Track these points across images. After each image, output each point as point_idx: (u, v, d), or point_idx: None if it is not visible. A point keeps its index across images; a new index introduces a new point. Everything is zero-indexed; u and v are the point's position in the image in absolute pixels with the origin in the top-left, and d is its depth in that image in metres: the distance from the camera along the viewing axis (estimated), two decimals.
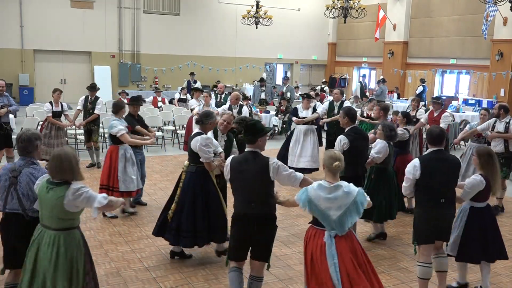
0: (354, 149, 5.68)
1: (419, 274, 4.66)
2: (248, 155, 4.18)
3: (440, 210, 4.52)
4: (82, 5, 19.94)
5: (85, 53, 20.43)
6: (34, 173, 3.87)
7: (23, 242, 3.77)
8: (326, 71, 26.05)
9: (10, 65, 18.97)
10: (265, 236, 4.18)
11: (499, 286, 5.17)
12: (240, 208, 4.17)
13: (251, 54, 23.40)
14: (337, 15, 15.75)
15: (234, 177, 4.18)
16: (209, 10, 22.33)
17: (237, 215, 4.20)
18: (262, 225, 4.12)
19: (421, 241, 4.63)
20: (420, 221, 4.62)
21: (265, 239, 4.18)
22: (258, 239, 4.15)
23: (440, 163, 4.49)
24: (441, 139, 4.56)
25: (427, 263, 4.61)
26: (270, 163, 4.09)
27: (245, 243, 4.22)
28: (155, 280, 5.01)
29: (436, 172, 4.47)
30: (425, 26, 20.25)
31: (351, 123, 5.85)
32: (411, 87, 20.88)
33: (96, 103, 9.75)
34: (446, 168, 4.49)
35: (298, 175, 4.20)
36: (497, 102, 16.60)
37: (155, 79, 21.55)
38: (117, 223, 6.65)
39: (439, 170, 4.48)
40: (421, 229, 4.61)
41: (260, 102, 15.58)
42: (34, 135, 3.98)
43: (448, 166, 4.51)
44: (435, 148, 4.55)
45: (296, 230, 6.57)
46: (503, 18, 16.50)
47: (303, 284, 5.00)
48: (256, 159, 4.13)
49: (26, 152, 3.94)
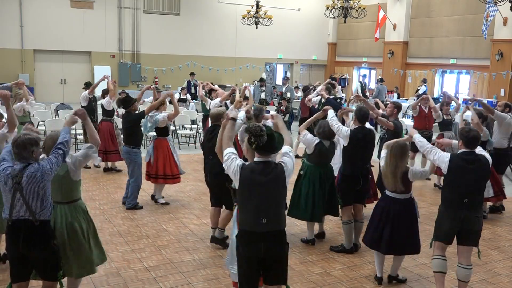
0: (352, 147, 5.65)
1: (434, 268, 4.74)
2: (262, 165, 3.61)
3: (462, 211, 4.51)
4: (82, 5, 19.95)
5: (85, 53, 20.43)
6: (34, 172, 3.65)
7: (32, 248, 3.71)
8: (326, 71, 26.05)
9: (10, 65, 18.97)
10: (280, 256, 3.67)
11: (499, 286, 5.17)
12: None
13: (251, 54, 23.40)
14: (337, 15, 15.75)
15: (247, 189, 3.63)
16: (209, 10, 22.33)
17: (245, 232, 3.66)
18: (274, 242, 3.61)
19: (438, 238, 4.74)
20: (441, 218, 4.72)
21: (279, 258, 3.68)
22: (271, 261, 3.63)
23: (469, 165, 4.49)
24: (475, 142, 4.53)
25: (442, 256, 4.70)
26: (283, 166, 3.66)
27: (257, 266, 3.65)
28: (155, 280, 5.01)
29: (463, 172, 4.49)
30: (425, 26, 20.25)
31: (358, 123, 5.75)
32: (411, 87, 20.88)
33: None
34: (474, 170, 4.49)
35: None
36: (497, 102, 16.63)
37: (155, 79, 21.55)
38: (117, 223, 6.66)
39: (466, 170, 4.48)
40: (439, 227, 4.71)
41: (260, 102, 15.58)
42: (30, 140, 3.69)
43: (476, 167, 4.49)
44: (467, 149, 4.55)
45: (296, 230, 6.57)
46: (503, 18, 16.50)
47: (303, 284, 5.01)
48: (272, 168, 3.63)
49: (22, 157, 3.69)
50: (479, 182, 4.54)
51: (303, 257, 5.70)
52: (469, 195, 4.51)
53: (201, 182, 8.96)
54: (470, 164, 4.48)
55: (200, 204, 7.65)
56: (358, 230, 5.94)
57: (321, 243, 6.16)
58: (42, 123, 11.51)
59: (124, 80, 21.04)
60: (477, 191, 4.57)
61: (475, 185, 4.52)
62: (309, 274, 5.25)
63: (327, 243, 6.15)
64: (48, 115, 12.65)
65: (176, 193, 8.19)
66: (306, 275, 5.22)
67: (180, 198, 7.99)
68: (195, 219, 6.95)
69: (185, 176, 9.33)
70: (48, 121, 11.24)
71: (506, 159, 7.72)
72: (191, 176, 9.40)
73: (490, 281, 5.25)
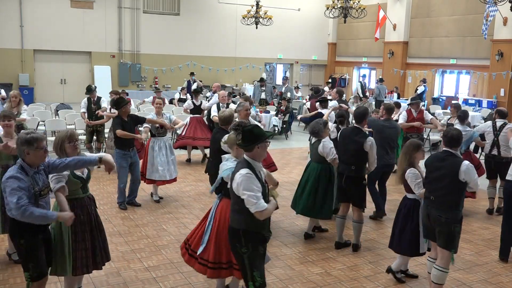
0: (341, 147, 5.91)
1: (427, 269, 4.90)
2: (239, 165, 3.75)
3: (429, 208, 4.59)
4: (82, 5, 19.94)
5: (85, 53, 20.43)
6: (5, 176, 3.65)
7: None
8: (326, 71, 26.05)
9: (10, 65, 18.98)
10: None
11: (499, 286, 5.16)
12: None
13: (251, 54, 23.40)
14: (337, 15, 15.75)
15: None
16: (209, 10, 22.33)
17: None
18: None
19: (424, 235, 4.84)
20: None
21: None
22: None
23: (438, 162, 4.54)
24: (452, 142, 4.53)
25: (432, 258, 4.77)
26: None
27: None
28: (155, 280, 5.01)
29: (432, 169, 4.58)
30: (425, 26, 20.25)
31: (345, 124, 6.03)
32: (411, 87, 20.88)
33: (100, 103, 9.77)
34: (440, 168, 4.49)
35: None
36: (497, 102, 16.64)
37: (155, 79, 21.55)
38: (117, 223, 6.66)
39: (435, 167, 4.55)
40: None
41: (260, 102, 15.59)
42: (22, 140, 3.69)
43: (443, 166, 4.49)
44: (444, 148, 4.59)
45: (296, 230, 6.57)
46: (503, 18, 16.50)
47: (303, 284, 5.01)
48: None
49: (19, 156, 3.75)
50: (443, 181, 4.46)
51: (303, 257, 5.70)
52: (434, 192, 4.52)
53: (201, 182, 8.97)
54: (439, 162, 4.53)
55: (200, 204, 7.65)
56: (353, 230, 5.99)
57: (321, 243, 6.16)
58: (42, 123, 11.51)
59: (124, 80, 21.04)
60: (442, 190, 4.46)
61: (440, 183, 4.48)
62: (309, 274, 5.25)
63: (327, 243, 6.15)
64: (48, 115, 12.65)
65: (176, 193, 8.19)
66: (306, 275, 5.22)
67: (180, 198, 7.99)
68: (195, 219, 6.94)
69: (185, 176, 9.33)
70: (48, 121, 11.24)
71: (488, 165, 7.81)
72: (191, 176, 9.40)
73: (490, 281, 5.25)
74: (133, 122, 7.24)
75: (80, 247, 4.14)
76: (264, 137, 3.68)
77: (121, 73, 20.98)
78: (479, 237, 6.60)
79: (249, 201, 3.54)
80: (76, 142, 4.18)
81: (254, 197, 3.52)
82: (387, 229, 6.71)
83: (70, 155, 4.07)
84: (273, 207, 3.73)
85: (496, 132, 7.48)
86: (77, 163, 3.92)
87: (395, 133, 7.18)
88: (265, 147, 3.73)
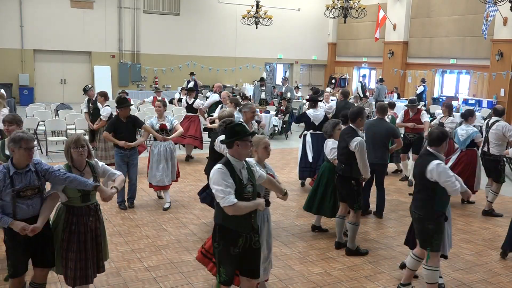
0: (338, 145, 6.00)
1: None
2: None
3: (411, 204, 4.75)
4: (82, 5, 19.95)
5: (85, 53, 20.44)
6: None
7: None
8: (326, 71, 26.06)
9: (10, 65, 18.99)
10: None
11: (499, 286, 5.16)
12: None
13: (251, 54, 23.41)
14: (337, 15, 15.75)
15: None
16: (209, 10, 22.34)
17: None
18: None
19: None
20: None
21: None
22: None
23: (417, 160, 4.69)
24: (434, 141, 4.56)
25: (414, 254, 4.83)
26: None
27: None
28: (155, 280, 5.01)
29: (414, 167, 4.74)
30: (425, 26, 20.26)
31: (348, 123, 5.99)
32: (411, 87, 20.89)
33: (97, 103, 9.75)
34: (416, 165, 4.64)
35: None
36: (497, 102, 16.64)
37: (155, 79, 21.56)
38: (117, 223, 6.66)
39: (415, 165, 4.70)
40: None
41: (260, 102, 15.59)
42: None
43: (417, 163, 4.64)
44: (430, 148, 4.62)
45: (296, 230, 6.57)
46: (503, 18, 16.50)
47: (303, 284, 5.01)
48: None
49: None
50: (417, 178, 4.65)
51: (303, 257, 5.70)
52: (414, 189, 4.72)
53: (201, 182, 8.96)
54: (418, 160, 4.69)
55: (200, 204, 7.63)
56: (348, 231, 5.86)
57: (321, 243, 6.16)
58: (42, 123, 11.50)
59: (124, 80, 21.05)
60: (416, 187, 4.66)
61: (416, 180, 4.68)
62: (309, 274, 5.25)
63: (327, 243, 6.15)
64: (48, 115, 12.64)
65: (176, 193, 8.19)
66: (306, 275, 5.22)
67: (180, 198, 7.99)
68: (195, 219, 6.95)
69: (185, 176, 9.33)
70: (48, 121, 11.23)
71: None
72: (191, 176, 9.40)
73: (490, 281, 5.25)
74: (132, 124, 7.14)
75: (70, 257, 3.99)
76: (243, 135, 3.67)
77: (121, 73, 20.99)
78: (479, 237, 6.60)
79: (217, 195, 3.59)
80: (82, 149, 4.02)
81: (221, 192, 3.55)
82: (387, 229, 6.73)
83: (76, 161, 4.04)
84: (253, 205, 3.70)
85: (487, 129, 7.53)
86: (72, 181, 3.87)
87: (385, 133, 6.96)
88: (246, 146, 3.71)
